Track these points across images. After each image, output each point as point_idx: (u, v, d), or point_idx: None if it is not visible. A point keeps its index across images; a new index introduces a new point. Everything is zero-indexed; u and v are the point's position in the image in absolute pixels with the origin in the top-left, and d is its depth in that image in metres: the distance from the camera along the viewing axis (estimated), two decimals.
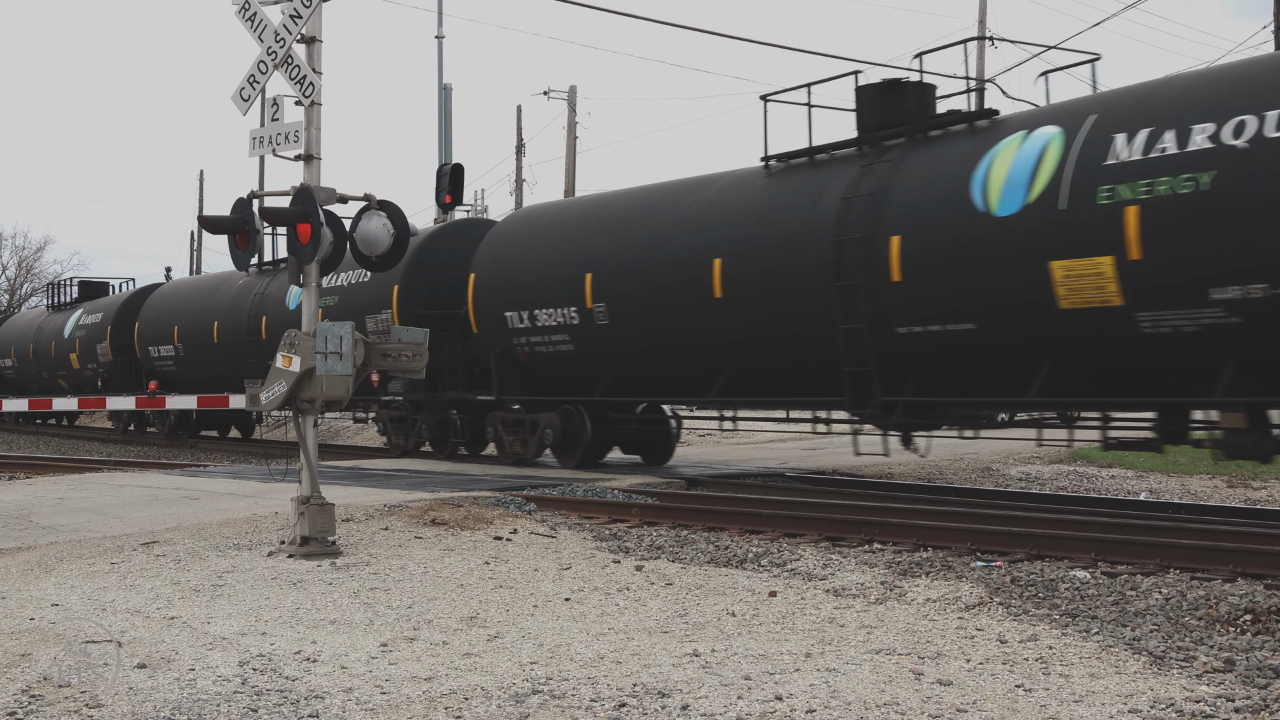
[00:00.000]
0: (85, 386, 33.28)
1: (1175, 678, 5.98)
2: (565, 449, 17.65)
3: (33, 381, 37.24)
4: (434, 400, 19.77)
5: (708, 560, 10.14)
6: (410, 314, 19.63)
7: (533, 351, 17.61)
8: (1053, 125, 11.96)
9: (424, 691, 5.88)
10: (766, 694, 5.75)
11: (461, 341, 19.25)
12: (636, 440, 18.73)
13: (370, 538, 10.75)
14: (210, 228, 11.19)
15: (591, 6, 20.04)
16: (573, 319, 16.78)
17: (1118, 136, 11.25)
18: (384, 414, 21.26)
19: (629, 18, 39.10)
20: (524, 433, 18.17)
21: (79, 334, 33.99)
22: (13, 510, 13.16)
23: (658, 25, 57.14)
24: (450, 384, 19.48)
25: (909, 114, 13.74)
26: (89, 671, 6.28)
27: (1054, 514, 11.56)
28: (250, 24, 10.49)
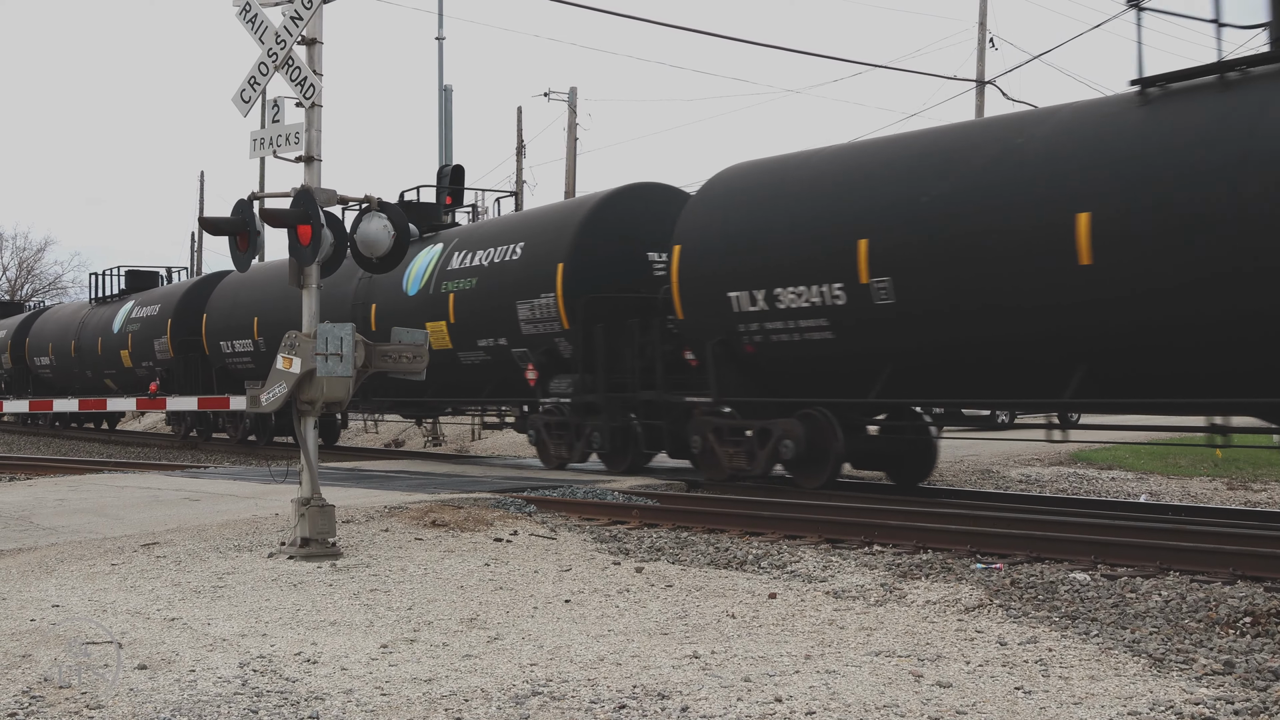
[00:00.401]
0: (138, 386, 29.89)
1: (1175, 680, 5.99)
2: (806, 465, 14.23)
3: (74, 381, 34.25)
4: (614, 402, 16.79)
5: (708, 562, 10.15)
6: (578, 297, 17.12)
7: (766, 341, 14.38)
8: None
9: (424, 693, 5.88)
10: (766, 695, 5.75)
11: (653, 330, 16.38)
12: (884, 455, 15.64)
13: (370, 539, 10.76)
14: (211, 229, 11.20)
15: (591, 8, 20.06)
16: (835, 299, 13.38)
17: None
18: (538, 419, 18.28)
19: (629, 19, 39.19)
20: (749, 444, 14.79)
21: (131, 328, 30.78)
22: (13, 511, 13.17)
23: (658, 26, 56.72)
24: (641, 382, 16.50)
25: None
26: (89, 672, 6.28)
27: (1054, 516, 11.56)
28: (251, 25, 10.50)
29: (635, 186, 18.21)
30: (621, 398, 16.73)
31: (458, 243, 20.19)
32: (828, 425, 13.99)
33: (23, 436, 37.53)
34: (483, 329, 18.95)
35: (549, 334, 17.79)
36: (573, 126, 41.54)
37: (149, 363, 30.13)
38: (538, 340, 18.00)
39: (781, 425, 14.32)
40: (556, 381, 17.60)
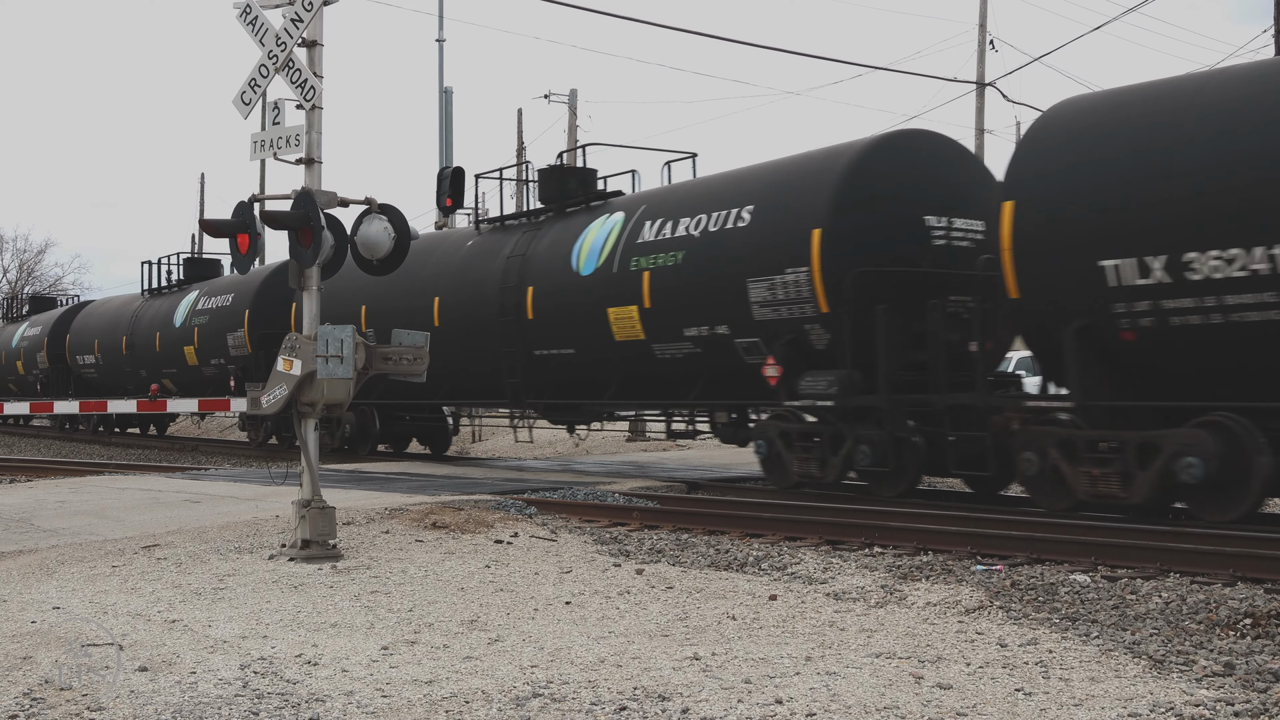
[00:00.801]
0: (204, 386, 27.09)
1: (1175, 681, 5.99)
2: (1217, 492, 10.83)
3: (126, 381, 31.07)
4: (899, 406, 13.40)
5: (708, 564, 10.15)
6: (839, 272, 13.61)
7: (1163, 324, 10.98)
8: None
9: (425, 694, 5.88)
10: (767, 697, 5.75)
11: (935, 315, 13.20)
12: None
13: (371, 541, 10.76)
14: (211, 231, 11.19)
15: (592, 10, 20.16)
16: None
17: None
18: (772, 427, 14.57)
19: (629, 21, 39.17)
20: (1120, 463, 11.26)
21: (197, 321, 27.53)
22: (14, 513, 13.17)
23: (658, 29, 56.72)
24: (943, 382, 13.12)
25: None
26: (90, 674, 6.29)
27: (1054, 518, 11.56)
28: (251, 28, 10.50)
29: (904, 134, 14.93)
30: (908, 400, 13.36)
31: (647, 209, 16.58)
32: (1250, 441, 10.50)
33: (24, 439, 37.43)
34: (692, 314, 15.38)
35: (797, 319, 14.13)
36: (573, 128, 41.55)
37: (220, 359, 27.02)
38: (778, 327, 14.36)
39: (1180, 439, 10.78)
40: (811, 380, 13.95)
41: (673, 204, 16.36)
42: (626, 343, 16.47)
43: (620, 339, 16.54)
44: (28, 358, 38.03)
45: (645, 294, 16.04)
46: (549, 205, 19.04)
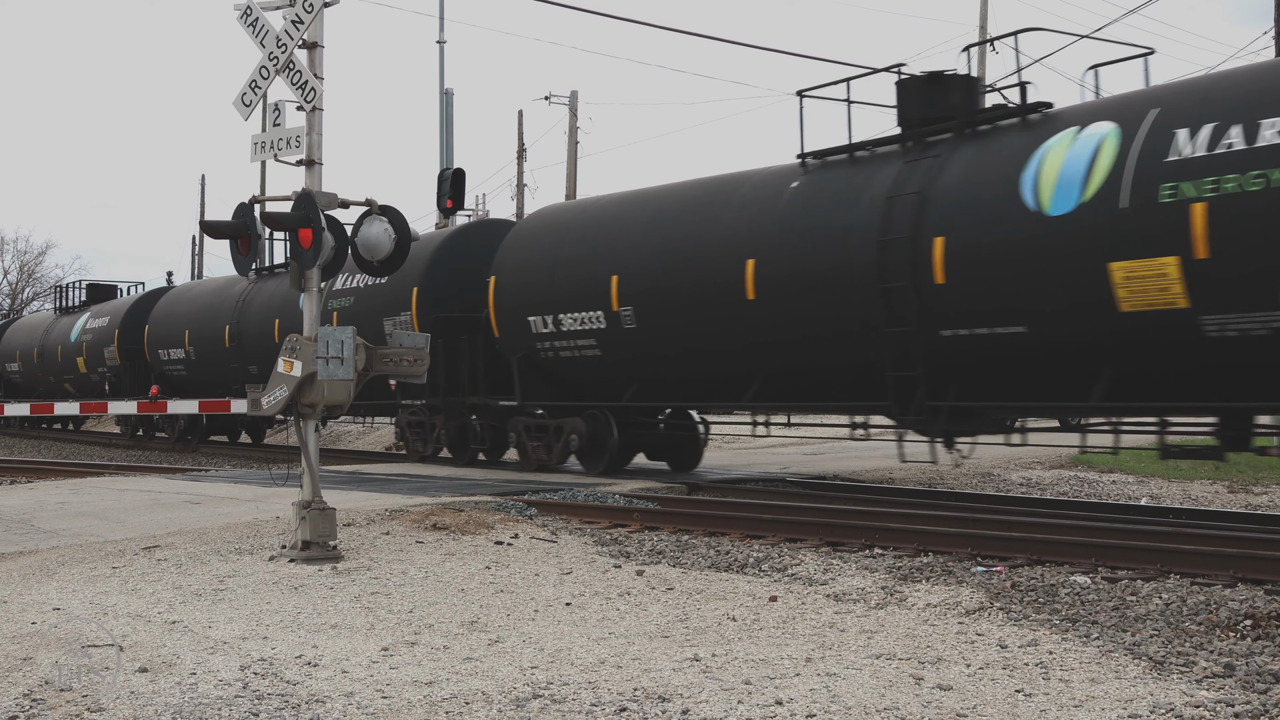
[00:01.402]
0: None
1: (1175, 683, 5.99)
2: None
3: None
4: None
5: (708, 565, 10.15)
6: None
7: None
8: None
9: (425, 696, 5.88)
10: (767, 699, 5.75)
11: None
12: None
13: (371, 542, 10.76)
14: (212, 232, 11.20)
15: (593, 12, 20.19)
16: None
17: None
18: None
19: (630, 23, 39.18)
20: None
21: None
22: (14, 515, 13.18)
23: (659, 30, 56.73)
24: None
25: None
26: (90, 675, 6.29)
27: (1054, 519, 11.57)
28: (252, 29, 10.51)
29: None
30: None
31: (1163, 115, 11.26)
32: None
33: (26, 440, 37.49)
34: None
35: None
36: (574, 130, 41.57)
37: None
38: None
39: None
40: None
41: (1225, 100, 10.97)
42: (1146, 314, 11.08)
43: (1130, 309, 11.16)
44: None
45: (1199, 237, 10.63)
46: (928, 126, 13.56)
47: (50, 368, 35.52)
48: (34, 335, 37.77)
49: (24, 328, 40.50)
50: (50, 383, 35.93)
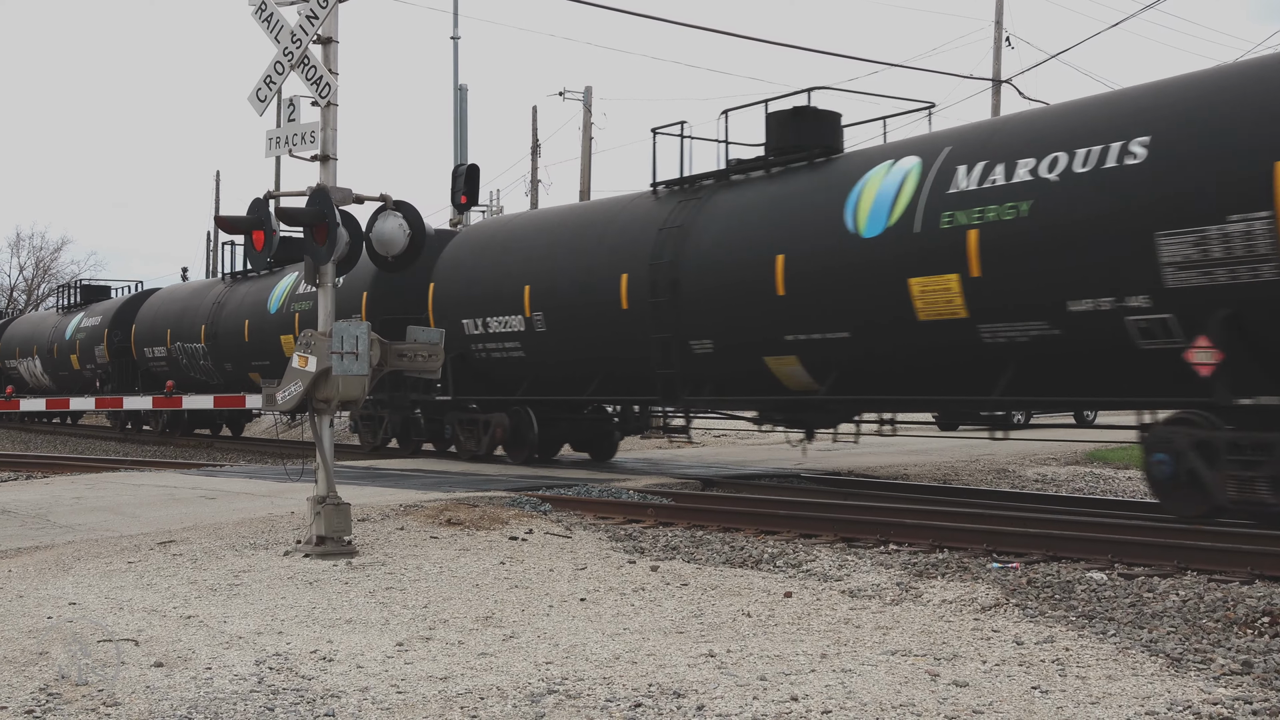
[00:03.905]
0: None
1: (1192, 680, 5.96)
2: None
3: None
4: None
5: (723, 561, 10.13)
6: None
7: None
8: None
9: (440, 691, 5.88)
10: (782, 694, 5.74)
11: None
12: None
13: (386, 537, 10.77)
14: (227, 228, 11.22)
15: (607, 7, 20.03)
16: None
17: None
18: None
19: (644, 18, 39.06)
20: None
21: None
22: (31, 509, 13.22)
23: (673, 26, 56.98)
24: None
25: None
26: (106, 670, 6.30)
27: (1070, 515, 11.52)
28: (267, 25, 10.51)
29: None
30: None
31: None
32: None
33: (40, 435, 37.67)
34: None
35: None
36: (588, 125, 41.55)
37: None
38: None
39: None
40: None
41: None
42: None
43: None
44: None
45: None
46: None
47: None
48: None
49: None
50: None
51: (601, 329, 16.79)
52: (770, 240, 14.52)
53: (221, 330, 27.35)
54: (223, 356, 27.65)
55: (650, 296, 15.71)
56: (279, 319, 24.94)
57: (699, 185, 16.25)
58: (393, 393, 20.57)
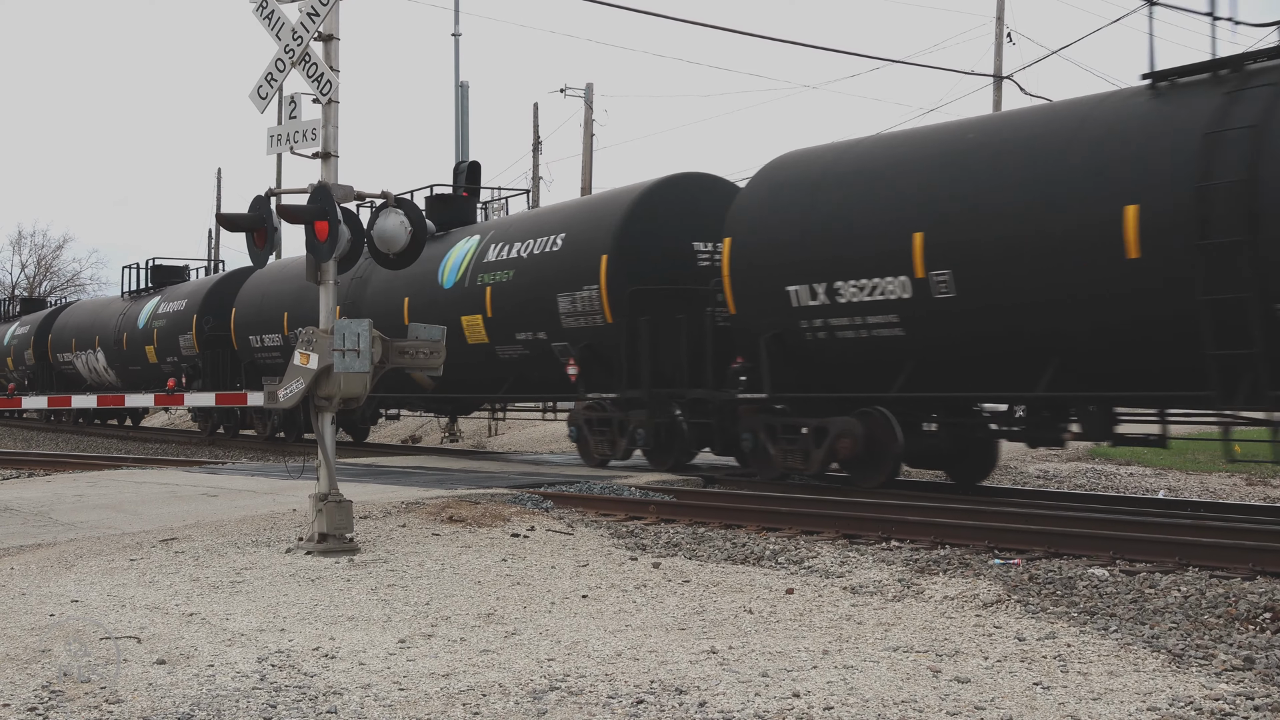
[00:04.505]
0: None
1: (1194, 676, 5.96)
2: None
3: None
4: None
5: (725, 557, 10.14)
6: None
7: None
8: None
9: (442, 688, 5.89)
10: (784, 691, 5.74)
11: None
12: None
13: (388, 535, 10.78)
14: (228, 225, 11.21)
15: (608, 4, 19.98)
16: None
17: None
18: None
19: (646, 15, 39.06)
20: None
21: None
22: (33, 507, 13.23)
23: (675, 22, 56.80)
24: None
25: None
26: (108, 667, 6.30)
27: (1072, 512, 11.53)
28: (268, 22, 10.51)
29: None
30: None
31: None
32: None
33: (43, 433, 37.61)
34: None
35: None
36: (589, 122, 41.53)
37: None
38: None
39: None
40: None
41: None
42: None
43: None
44: None
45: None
46: None
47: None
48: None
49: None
50: None
51: (1076, 292, 11.69)
52: None
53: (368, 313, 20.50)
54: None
55: (1198, 237, 10.76)
56: (458, 295, 19.50)
57: (1249, 70, 11.31)
58: (653, 389, 16.17)
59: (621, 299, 16.48)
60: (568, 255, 17.37)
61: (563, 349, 17.53)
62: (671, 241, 16.75)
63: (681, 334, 16.01)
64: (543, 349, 18.00)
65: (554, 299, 17.41)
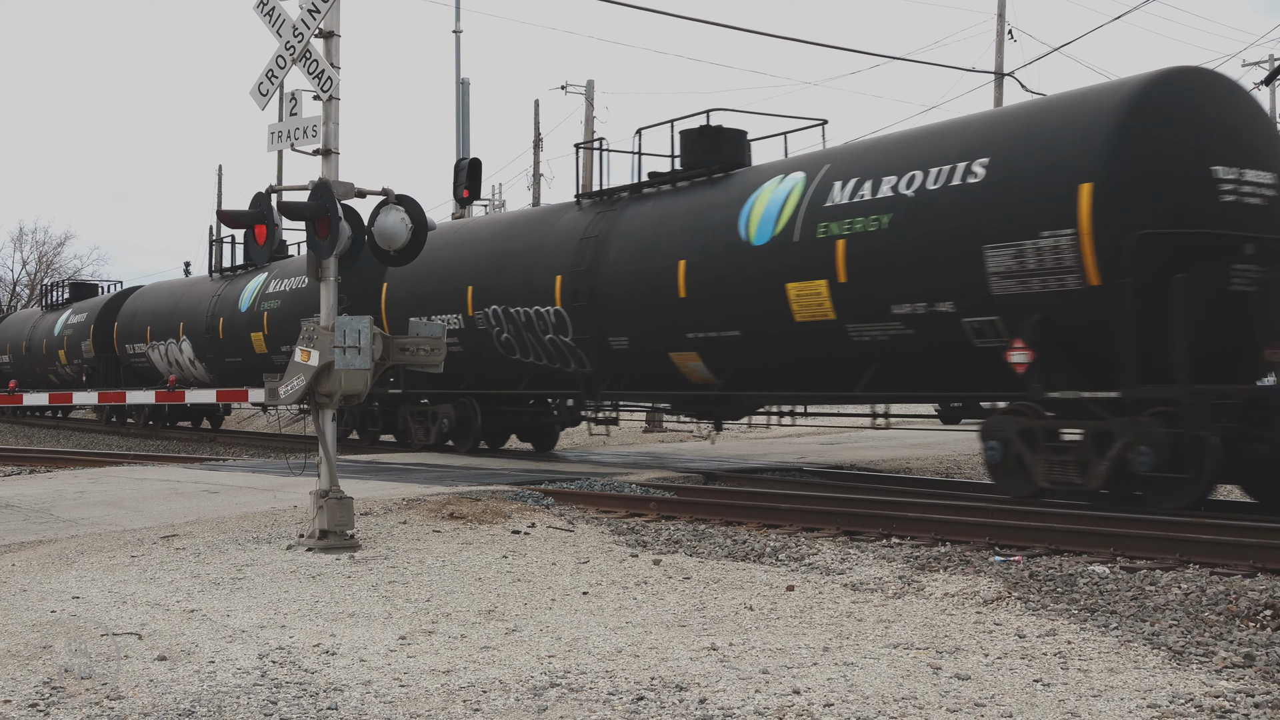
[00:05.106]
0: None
1: (1194, 673, 5.96)
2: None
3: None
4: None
5: (725, 554, 10.14)
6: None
7: None
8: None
9: (442, 684, 5.89)
10: (784, 688, 5.74)
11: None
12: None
13: (389, 531, 10.78)
14: (229, 222, 11.23)
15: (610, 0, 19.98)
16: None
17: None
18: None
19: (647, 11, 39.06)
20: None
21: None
22: (34, 504, 13.24)
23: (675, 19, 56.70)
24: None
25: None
26: (109, 663, 6.31)
27: (1072, 509, 11.52)
28: (269, 19, 10.51)
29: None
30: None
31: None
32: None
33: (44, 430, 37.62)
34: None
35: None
36: (590, 119, 41.50)
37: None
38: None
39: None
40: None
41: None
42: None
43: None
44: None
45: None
46: None
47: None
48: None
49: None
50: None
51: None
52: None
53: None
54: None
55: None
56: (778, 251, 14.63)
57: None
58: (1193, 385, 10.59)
59: (1119, 249, 11.22)
60: (1000, 187, 12.22)
61: (988, 326, 12.33)
62: (1185, 165, 11.57)
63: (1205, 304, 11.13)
64: (943, 327, 12.78)
65: (978, 254, 12.20)
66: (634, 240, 16.43)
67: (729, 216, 15.05)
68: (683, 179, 16.65)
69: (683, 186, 16.56)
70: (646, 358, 16.38)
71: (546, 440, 21.44)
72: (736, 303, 14.74)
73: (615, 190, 17.68)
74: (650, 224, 16.39)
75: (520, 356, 18.33)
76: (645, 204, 16.83)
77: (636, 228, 16.52)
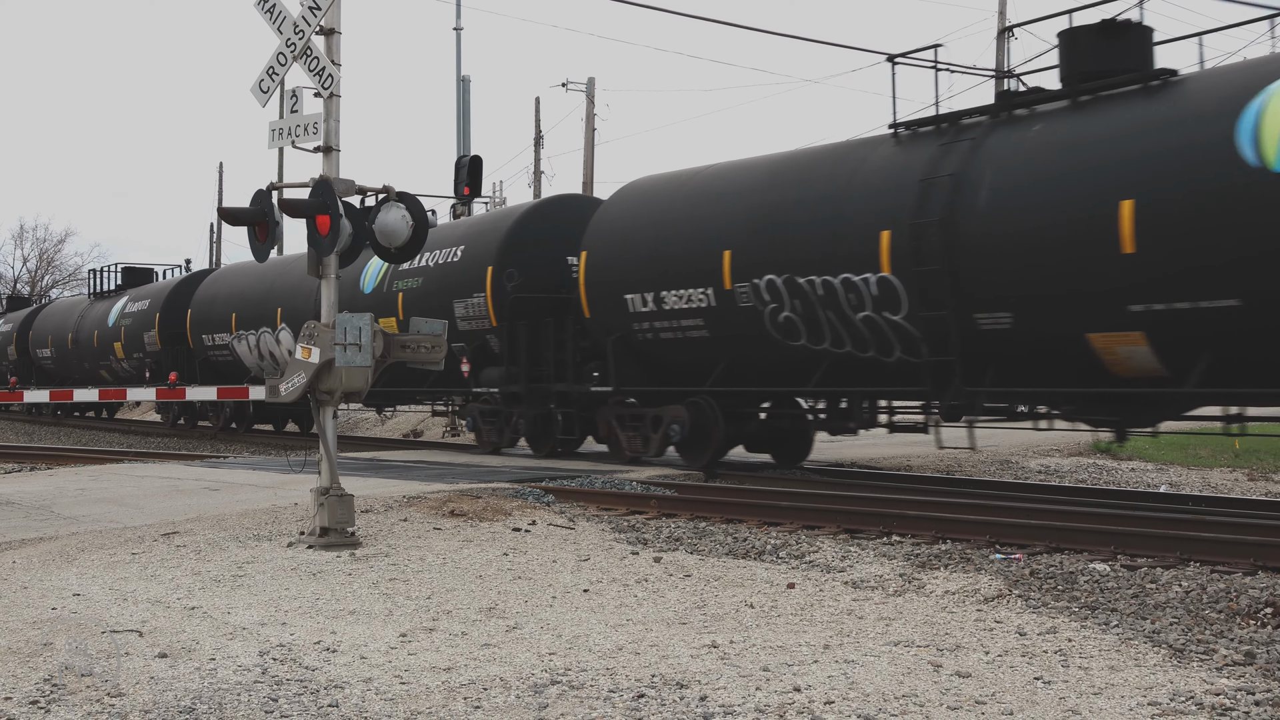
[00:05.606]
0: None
1: (1195, 670, 5.96)
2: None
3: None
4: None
5: (726, 552, 10.14)
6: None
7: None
8: None
9: (443, 682, 5.89)
10: (785, 685, 5.75)
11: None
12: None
13: (389, 529, 10.78)
14: (230, 219, 11.21)
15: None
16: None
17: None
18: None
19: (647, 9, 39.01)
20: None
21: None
22: (35, 501, 13.24)
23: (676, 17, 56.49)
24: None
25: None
26: (110, 661, 6.31)
27: (1073, 506, 11.53)
28: (269, 16, 10.51)
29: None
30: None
31: None
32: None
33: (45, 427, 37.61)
34: None
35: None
36: (590, 117, 41.49)
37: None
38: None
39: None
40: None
41: None
42: None
43: None
44: None
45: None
46: None
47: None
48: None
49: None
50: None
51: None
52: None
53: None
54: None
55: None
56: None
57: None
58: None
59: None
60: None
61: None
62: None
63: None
64: None
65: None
66: (1022, 178, 12.17)
67: (1217, 134, 10.80)
68: (1084, 93, 12.36)
69: (1086, 101, 12.31)
70: (1041, 341, 12.17)
71: (796, 450, 17.10)
72: (1237, 256, 10.63)
73: (961, 114, 13.50)
74: (1049, 154, 12.08)
75: (808, 342, 14.12)
76: (1025, 129, 12.54)
77: (1022, 160, 12.27)
